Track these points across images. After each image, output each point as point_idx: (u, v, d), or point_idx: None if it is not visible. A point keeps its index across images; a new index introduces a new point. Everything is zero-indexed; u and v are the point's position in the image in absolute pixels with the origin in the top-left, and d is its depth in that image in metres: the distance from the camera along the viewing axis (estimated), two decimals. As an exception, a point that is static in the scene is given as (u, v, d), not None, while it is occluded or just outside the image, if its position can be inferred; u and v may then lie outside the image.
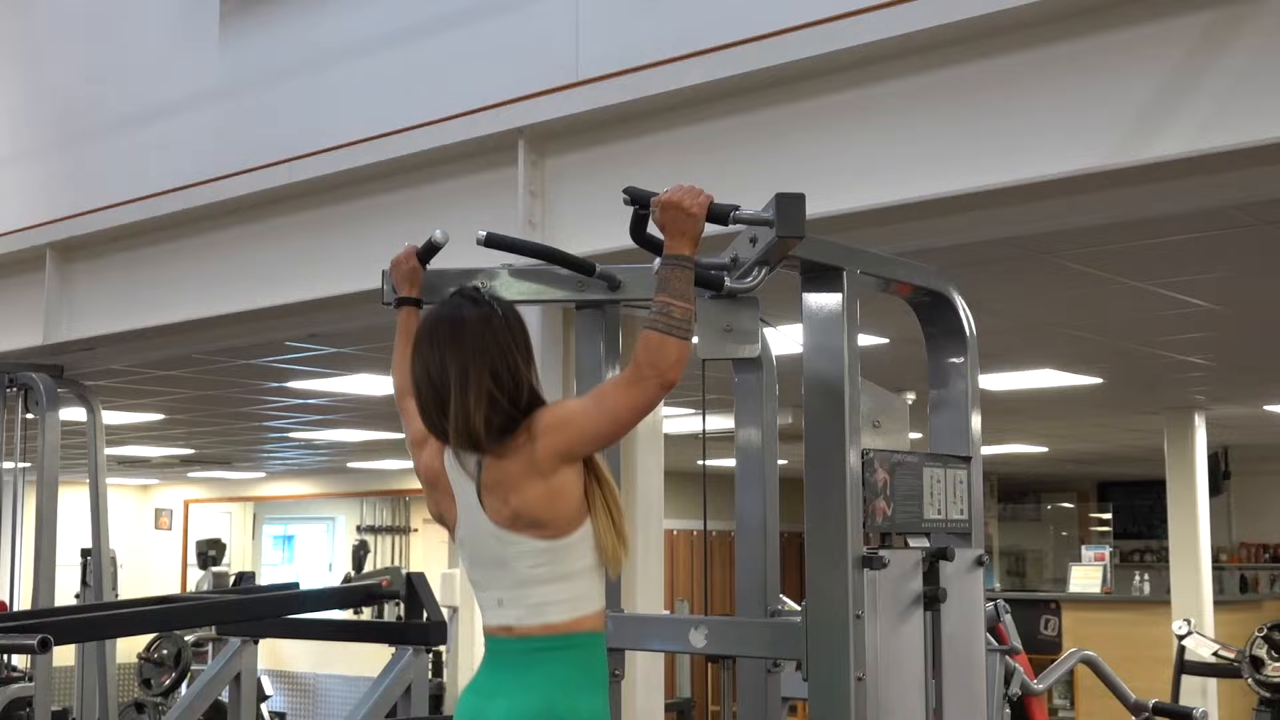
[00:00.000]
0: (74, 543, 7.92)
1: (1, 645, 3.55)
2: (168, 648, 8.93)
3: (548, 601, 2.53)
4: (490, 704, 2.54)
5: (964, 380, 3.08)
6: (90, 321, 5.97)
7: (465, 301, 2.59)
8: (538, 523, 2.51)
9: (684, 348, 2.45)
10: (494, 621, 2.60)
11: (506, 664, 2.56)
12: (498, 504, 2.53)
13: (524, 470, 2.49)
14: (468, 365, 2.51)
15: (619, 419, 2.51)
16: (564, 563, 2.53)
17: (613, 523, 2.56)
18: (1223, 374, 7.33)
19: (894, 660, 2.72)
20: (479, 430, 2.49)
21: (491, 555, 2.57)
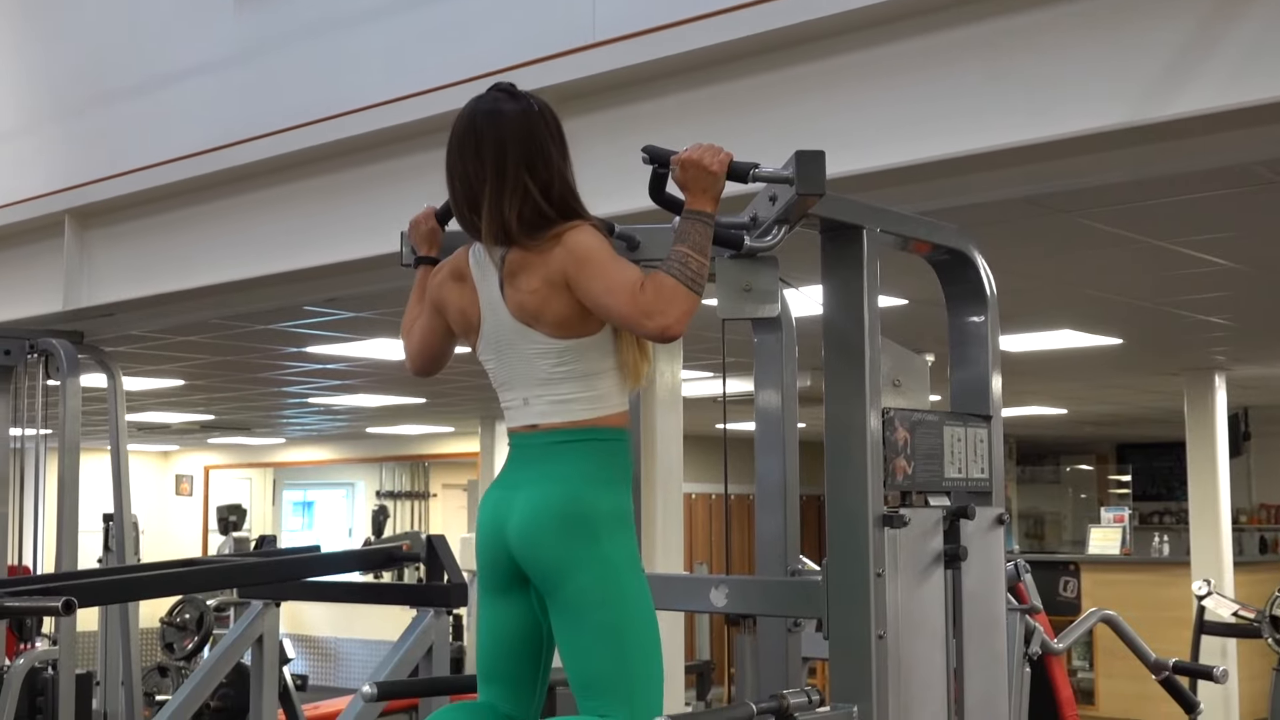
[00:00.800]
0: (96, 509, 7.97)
1: (26, 608, 3.58)
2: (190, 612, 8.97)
3: (571, 398, 2.54)
4: (514, 495, 2.55)
5: (984, 339, 3.07)
6: (109, 287, 5.99)
7: (503, 96, 2.60)
8: (538, 318, 2.52)
9: (694, 302, 2.43)
10: (519, 421, 2.60)
11: (530, 457, 2.57)
12: (513, 293, 2.53)
13: (539, 268, 2.49)
14: (505, 157, 2.52)
15: (612, 315, 2.48)
16: (586, 361, 2.53)
17: (636, 338, 2.56)
18: (1243, 334, 7.30)
19: (915, 618, 2.73)
20: (511, 222, 2.50)
21: (515, 352, 2.57)
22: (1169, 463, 15.05)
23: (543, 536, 2.50)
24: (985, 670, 2.95)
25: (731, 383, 3.53)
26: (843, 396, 2.69)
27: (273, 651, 4.84)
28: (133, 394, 9.36)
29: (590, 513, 2.50)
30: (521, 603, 2.60)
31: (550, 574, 2.51)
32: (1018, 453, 15.66)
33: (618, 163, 4.09)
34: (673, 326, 2.43)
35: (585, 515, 2.50)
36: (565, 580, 2.49)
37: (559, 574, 2.50)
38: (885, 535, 2.65)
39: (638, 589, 2.54)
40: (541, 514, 2.51)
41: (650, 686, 2.52)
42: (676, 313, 2.43)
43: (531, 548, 2.51)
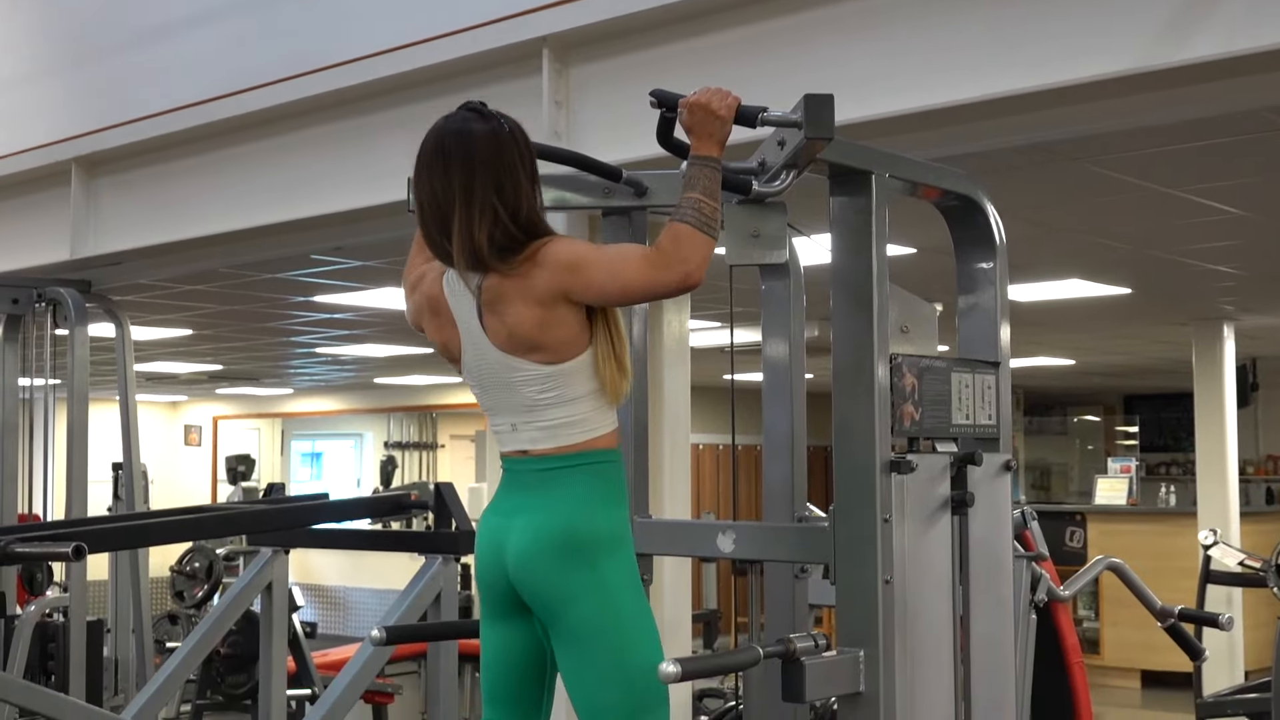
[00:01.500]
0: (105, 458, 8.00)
1: (36, 553, 3.60)
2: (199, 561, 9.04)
3: (559, 423, 2.55)
4: (511, 522, 2.57)
5: (992, 286, 3.07)
6: (117, 236, 5.98)
7: (472, 115, 2.56)
8: (534, 347, 2.51)
9: (711, 246, 2.44)
10: (510, 446, 2.62)
11: (525, 483, 2.58)
12: (496, 324, 2.53)
13: (523, 294, 2.48)
14: (473, 179, 2.48)
15: (629, 290, 2.49)
16: (569, 387, 2.54)
17: (613, 350, 2.56)
18: (1252, 283, 7.28)
19: (922, 564, 2.74)
20: (482, 246, 2.47)
21: (498, 380, 2.57)
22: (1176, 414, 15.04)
23: (541, 566, 2.52)
24: (991, 616, 2.97)
25: (739, 333, 3.53)
26: (851, 342, 2.69)
27: (282, 599, 4.86)
28: (141, 344, 9.37)
29: (587, 539, 2.52)
30: (523, 627, 2.63)
31: (550, 603, 2.53)
32: (1025, 404, 15.67)
33: (624, 110, 4.08)
34: (694, 273, 2.44)
35: (582, 542, 2.51)
36: (565, 609, 2.51)
37: (559, 603, 2.52)
38: (892, 481, 2.66)
39: (639, 614, 2.56)
40: (538, 543, 2.52)
41: (655, 710, 2.55)
42: (696, 258, 2.43)
43: (530, 577, 2.53)
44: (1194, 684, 7.68)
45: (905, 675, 2.68)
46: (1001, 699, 2.98)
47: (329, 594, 14.94)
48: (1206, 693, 7.64)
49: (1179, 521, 10.13)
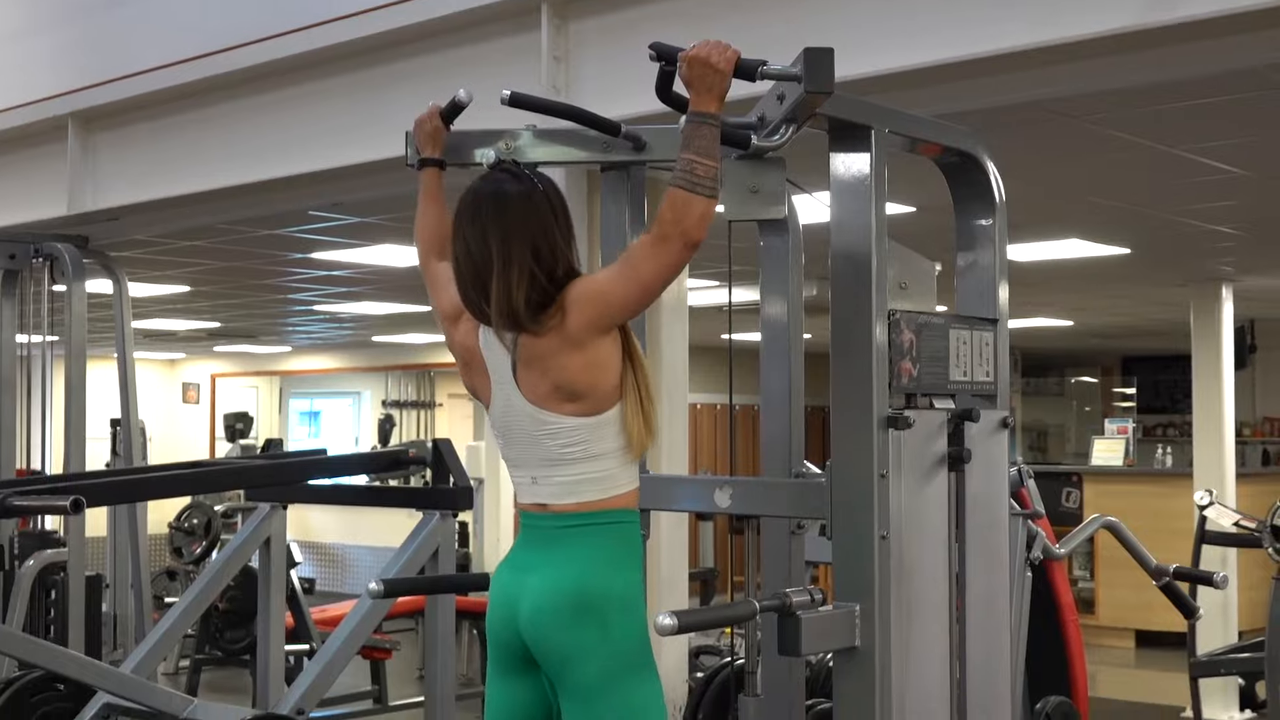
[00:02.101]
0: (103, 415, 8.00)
1: (35, 507, 3.61)
2: (198, 517, 9.05)
3: (581, 480, 2.57)
4: (526, 578, 2.59)
5: (992, 242, 3.07)
6: (114, 191, 5.97)
7: (506, 177, 2.60)
8: (575, 394, 2.53)
9: (708, 205, 2.44)
10: (528, 500, 2.64)
11: (542, 539, 2.60)
12: (533, 380, 2.56)
13: (560, 344, 2.52)
14: (510, 242, 2.52)
15: (647, 284, 2.52)
16: (596, 442, 2.56)
17: (641, 407, 2.59)
18: (1251, 244, 7.27)
19: (918, 520, 2.74)
20: (519, 309, 2.51)
21: (525, 433, 2.60)
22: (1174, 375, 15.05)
23: (552, 624, 2.54)
24: (987, 573, 2.98)
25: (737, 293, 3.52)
26: (849, 298, 2.69)
27: (280, 554, 4.87)
28: (138, 300, 9.36)
29: (600, 599, 2.53)
30: (531, 683, 2.64)
31: (560, 661, 2.54)
32: (1023, 365, 15.67)
33: (623, 65, 4.06)
34: (691, 233, 2.46)
35: (596, 602, 2.53)
36: (575, 668, 2.53)
37: (569, 661, 2.53)
38: (889, 437, 2.66)
39: (647, 678, 2.57)
40: (552, 600, 2.54)
41: None
42: (691, 220, 2.45)
43: (542, 634, 2.55)
44: (1188, 643, 7.71)
45: (901, 630, 2.69)
46: (996, 655, 3.00)
47: (327, 551, 14.98)
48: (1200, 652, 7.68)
49: (1175, 483, 10.15)
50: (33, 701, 4.39)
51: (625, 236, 3.20)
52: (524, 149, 2.96)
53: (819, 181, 2.84)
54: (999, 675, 3.01)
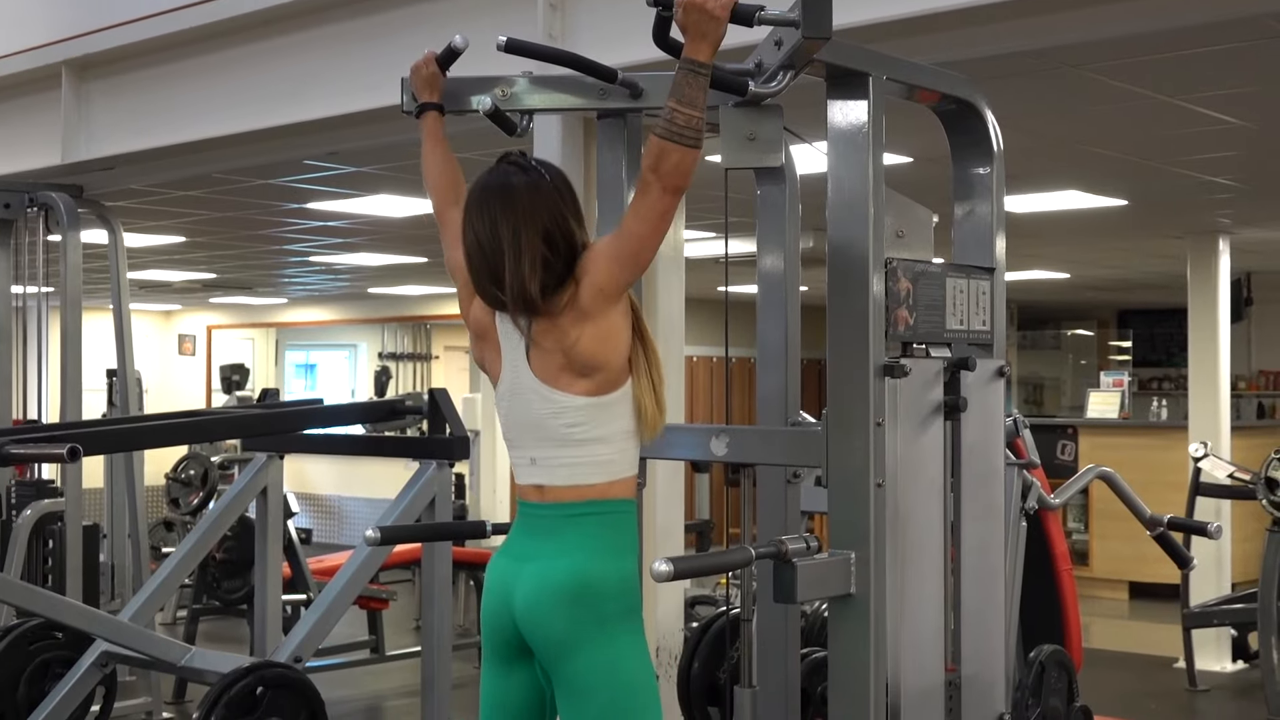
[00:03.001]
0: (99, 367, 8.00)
1: (31, 454, 3.61)
2: (194, 468, 9.06)
3: (580, 463, 2.58)
4: (522, 567, 2.60)
5: (989, 191, 3.06)
6: (108, 140, 5.94)
7: (512, 169, 2.61)
8: (587, 368, 2.54)
9: (685, 154, 2.44)
10: (526, 481, 2.65)
11: (538, 528, 2.61)
12: (545, 358, 2.57)
13: (574, 319, 2.54)
14: (520, 231, 2.54)
15: (641, 238, 2.53)
16: (601, 424, 2.57)
17: (653, 387, 2.60)
18: (1249, 195, 7.25)
19: (913, 468, 2.75)
20: (534, 295, 2.53)
21: (530, 413, 2.60)
22: (1170, 329, 15.06)
23: (548, 613, 2.54)
24: (982, 521, 2.99)
25: (734, 245, 3.52)
26: (846, 246, 2.68)
27: (277, 504, 4.89)
28: (134, 250, 9.33)
29: (597, 590, 2.54)
30: (525, 673, 2.65)
31: (555, 650, 2.55)
32: (1019, 318, 15.66)
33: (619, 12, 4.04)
34: (670, 179, 2.47)
35: (591, 592, 2.54)
36: (570, 658, 2.54)
37: (564, 651, 2.54)
38: (886, 385, 2.67)
39: (642, 669, 2.58)
40: (548, 590, 2.55)
41: None
42: (668, 166, 2.46)
43: (537, 623, 2.56)
44: (1181, 595, 7.77)
45: (896, 578, 2.70)
46: (991, 603, 3.02)
47: (323, 504, 15.02)
48: (1193, 603, 7.74)
49: (1170, 435, 10.17)
50: (31, 649, 4.40)
51: (622, 184, 3.19)
52: (520, 95, 2.95)
53: (816, 133, 2.83)
54: (993, 624, 3.02)
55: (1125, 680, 7.77)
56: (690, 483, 10.47)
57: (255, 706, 3.69)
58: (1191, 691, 7.60)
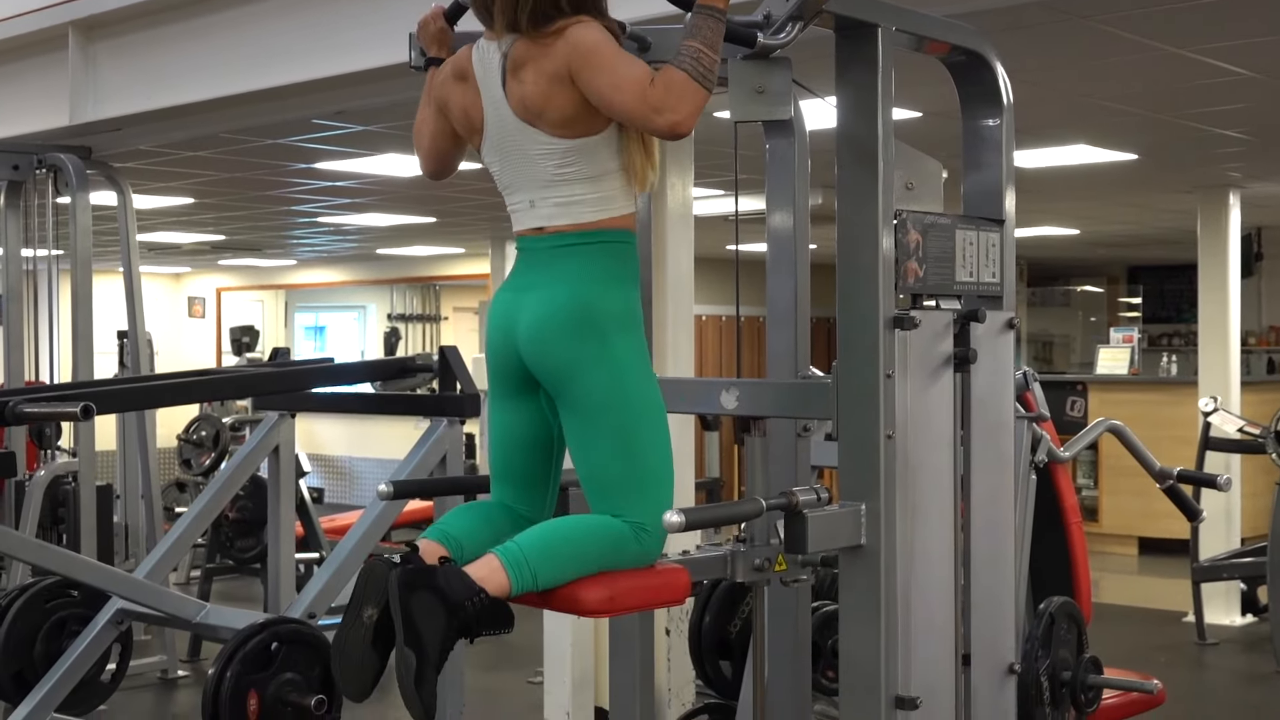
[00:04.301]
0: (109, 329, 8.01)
1: (45, 413, 3.63)
2: (206, 429, 9.08)
3: (576, 200, 2.55)
4: (523, 297, 2.58)
5: (998, 143, 3.05)
6: (116, 101, 5.94)
7: None
8: (557, 122, 2.50)
9: (703, 99, 2.42)
10: (525, 224, 2.62)
11: (538, 260, 2.59)
12: (521, 89, 2.52)
13: (539, 63, 2.49)
14: None
15: (617, 113, 2.47)
16: (591, 163, 2.54)
17: (641, 138, 2.55)
18: (1260, 149, 7.22)
19: (923, 420, 2.75)
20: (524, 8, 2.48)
21: (519, 153, 2.57)
22: (1180, 285, 15.01)
23: (551, 338, 2.52)
24: (991, 473, 2.99)
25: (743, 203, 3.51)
26: (856, 198, 2.68)
27: (289, 462, 4.91)
28: (142, 212, 9.33)
29: (598, 313, 2.52)
30: (532, 405, 2.63)
31: (559, 375, 2.53)
32: (1028, 275, 15.63)
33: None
34: (682, 123, 2.43)
35: (593, 316, 2.51)
36: (574, 381, 2.52)
37: (568, 375, 2.52)
38: (895, 337, 2.67)
39: (647, 389, 2.56)
40: (550, 316, 2.52)
41: (661, 485, 2.56)
42: (687, 108, 2.42)
43: (541, 349, 2.53)
44: (1190, 549, 7.79)
45: (906, 529, 2.71)
46: (1000, 556, 3.02)
47: (334, 464, 15.08)
48: (1202, 558, 7.76)
49: (1180, 391, 10.17)
50: (47, 607, 4.44)
51: (630, 140, 3.17)
52: (528, 50, 2.93)
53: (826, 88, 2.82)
54: (1003, 576, 3.03)
55: (1134, 634, 7.81)
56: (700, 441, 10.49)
57: (270, 662, 3.71)
58: (1200, 645, 7.63)
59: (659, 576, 2.57)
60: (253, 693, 3.65)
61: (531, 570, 2.41)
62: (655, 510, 2.51)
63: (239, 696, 3.63)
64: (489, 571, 2.38)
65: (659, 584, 2.56)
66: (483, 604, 2.35)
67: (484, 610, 2.35)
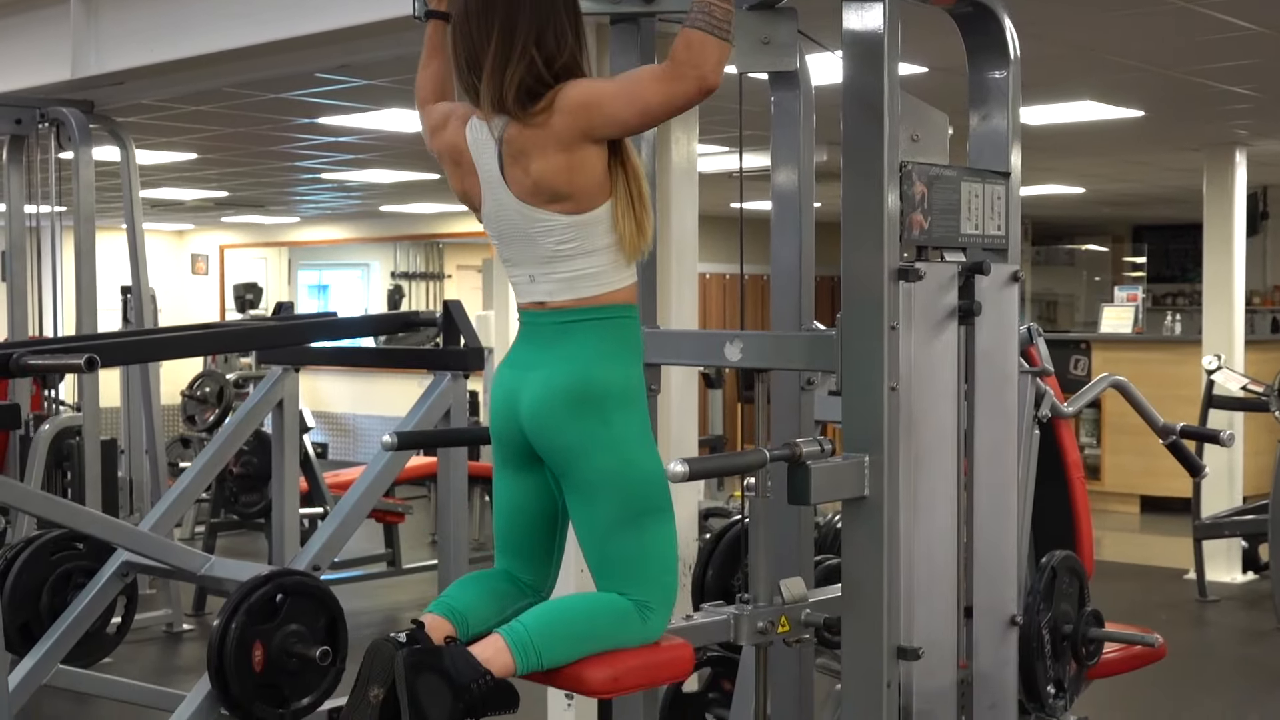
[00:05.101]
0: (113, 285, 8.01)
1: (49, 365, 3.63)
2: (210, 385, 9.10)
3: (578, 275, 2.55)
4: (526, 375, 2.58)
5: (1005, 96, 3.04)
6: (118, 54, 5.91)
7: None
8: (557, 196, 2.50)
9: (725, 50, 2.41)
10: (527, 298, 2.62)
11: (541, 336, 2.59)
12: (519, 174, 2.52)
13: (544, 141, 2.47)
14: (514, 22, 2.48)
15: (649, 111, 2.47)
16: (589, 238, 2.53)
17: (632, 209, 2.55)
18: (1267, 106, 7.19)
19: (928, 372, 2.75)
20: (509, 90, 2.46)
21: (518, 231, 2.57)
22: (1185, 244, 14.99)
23: (554, 418, 2.53)
24: (995, 427, 2.99)
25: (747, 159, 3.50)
26: (861, 149, 2.66)
27: (293, 416, 4.92)
28: (145, 168, 9.32)
29: (600, 392, 2.52)
30: (537, 478, 2.65)
31: (563, 455, 2.54)
32: (1033, 234, 15.60)
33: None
34: (708, 76, 2.41)
35: (595, 395, 2.52)
36: (577, 461, 2.53)
37: (571, 455, 2.53)
38: (900, 289, 2.66)
39: (650, 468, 2.57)
40: (553, 395, 2.53)
41: (665, 562, 2.59)
42: (710, 62, 2.41)
43: (543, 429, 2.54)
44: (1192, 507, 7.81)
45: (909, 481, 2.71)
46: (1003, 509, 3.03)
47: (338, 421, 15.10)
48: (1204, 515, 7.78)
49: (1184, 350, 10.17)
50: (53, 559, 4.45)
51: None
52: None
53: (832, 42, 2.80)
54: (1006, 529, 3.04)
55: (1136, 591, 7.83)
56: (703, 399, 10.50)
57: (275, 613, 3.73)
58: (1201, 602, 7.66)
59: (664, 653, 2.61)
60: (258, 644, 3.67)
61: (536, 651, 2.45)
62: (659, 588, 2.56)
63: (244, 647, 3.64)
64: (494, 652, 2.42)
65: (663, 661, 2.61)
66: (488, 685, 2.39)
67: (490, 691, 2.39)
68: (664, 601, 2.57)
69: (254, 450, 7.33)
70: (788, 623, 2.94)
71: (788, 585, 2.93)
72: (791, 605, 2.93)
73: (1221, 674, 6.40)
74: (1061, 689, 3.33)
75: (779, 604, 2.92)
